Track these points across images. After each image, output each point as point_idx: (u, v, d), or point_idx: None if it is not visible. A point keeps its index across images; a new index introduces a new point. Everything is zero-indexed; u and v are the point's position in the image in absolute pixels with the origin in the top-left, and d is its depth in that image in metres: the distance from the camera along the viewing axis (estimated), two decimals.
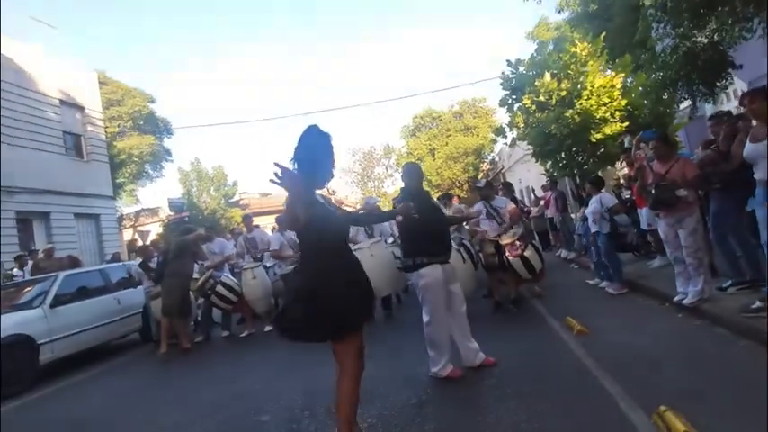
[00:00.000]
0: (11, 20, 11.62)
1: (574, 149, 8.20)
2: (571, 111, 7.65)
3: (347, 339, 2.29)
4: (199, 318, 6.90)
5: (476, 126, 33.64)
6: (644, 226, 6.20)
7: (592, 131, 7.99)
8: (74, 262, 7.61)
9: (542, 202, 10.68)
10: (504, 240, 5.30)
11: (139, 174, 26.05)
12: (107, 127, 23.11)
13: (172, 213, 20.33)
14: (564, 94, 7.71)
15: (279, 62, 66.25)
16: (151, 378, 5.15)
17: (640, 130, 6.66)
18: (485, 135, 32.64)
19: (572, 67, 7.77)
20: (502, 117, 26.26)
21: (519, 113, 8.64)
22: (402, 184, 3.90)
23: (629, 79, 8.24)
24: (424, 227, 3.34)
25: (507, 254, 5.27)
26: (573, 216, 8.79)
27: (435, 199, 6.14)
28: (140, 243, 10.15)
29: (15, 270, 8.35)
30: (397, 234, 6.48)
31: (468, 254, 5.91)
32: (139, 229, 20.00)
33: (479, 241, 5.78)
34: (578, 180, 8.46)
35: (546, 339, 4.09)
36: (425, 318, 3.46)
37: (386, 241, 6.38)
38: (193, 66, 62.64)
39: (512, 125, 8.74)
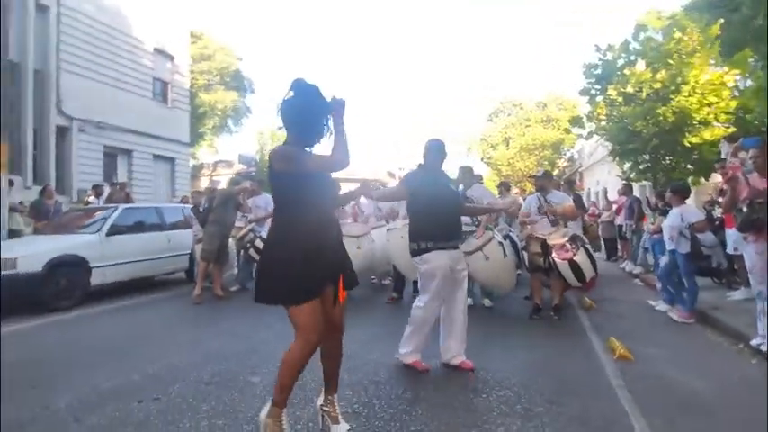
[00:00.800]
0: None
1: (661, 152, 7.19)
2: (664, 107, 6.66)
3: (289, 309, 2.08)
4: (237, 269, 7.09)
5: (558, 119, 31.36)
6: (729, 249, 5.32)
7: (687, 134, 6.95)
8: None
9: (614, 207, 9.67)
10: (553, 240, 4.76)
11: (221, 127, 27.58)
12: (196, 79, 24.59)
13: (242, 166, 21.31)
14: (658, 86, 6.72)
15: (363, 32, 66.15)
16: (175, 317, 5.34)
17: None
18: (566, 129, 30.45)
19: (674, 56, 6.71)
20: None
21: (601, 105, 7.72)
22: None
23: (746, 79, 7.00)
24: (431, 210, 3.13)
25: (555, 255, 4.74)
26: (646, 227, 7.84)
27: (486, 186, 5.69)
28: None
29: (92, 198, 9.10)
30: None
31: (514, 248, 5.45)
32: (213, 178, 21.28)
33: (526, 237, 5.27)
34: (660, 187, 7.46)
35: (579, 358, 3.62)
36: (419, 302, 3.26)
37: None
38: (282, 29, 64.43)
39: (591, 117, 7.84)
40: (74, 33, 11.44)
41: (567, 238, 4.72)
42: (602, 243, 10.86)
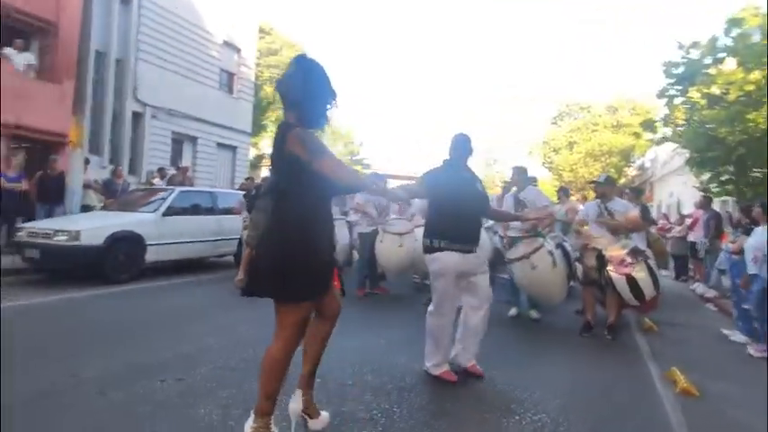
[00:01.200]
0: None
1: (748, 162, 6.38)
2: (756, 112, 5.87)
3: (285, 306, 1.97)
4: None
5: (629, 124, 29.27)
6: None
7: None
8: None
9: (688, 222, 8.77)
10: (610, 251, 4.32)
11: None
12: (262, 72, 25.53)
13: None
14: (751, 89, 5.92)
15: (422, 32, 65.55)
16: (217, 300, 5.45)
17: None
18: (636, 134, 28.35)
19: None
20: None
21: (680, 108, 6.97)
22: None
23: None
24: (449, 208, 2.96)
25: (611, 269, 4.30)
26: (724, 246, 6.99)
27: (536, 188, 5.30)
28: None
29: (156, 180, 9.65)
30: None
31: (566, 258, 5.03)
32: (269, 168, 22.01)
33: (580, 247, 4.84)
34: (745, 202, 6.61)
35: (633, 386, 3.22)
36: (430, 307, 3.09)
37: None
38: (348, 28, 65.42)
39: (667, 121, 7.09)
40: (151, 25, 12.19)
41: (626, 251, 4.27)
42: (671, 260, 9.93)
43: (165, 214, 6.57)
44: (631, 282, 4.22)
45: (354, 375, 2.99)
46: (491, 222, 6.29)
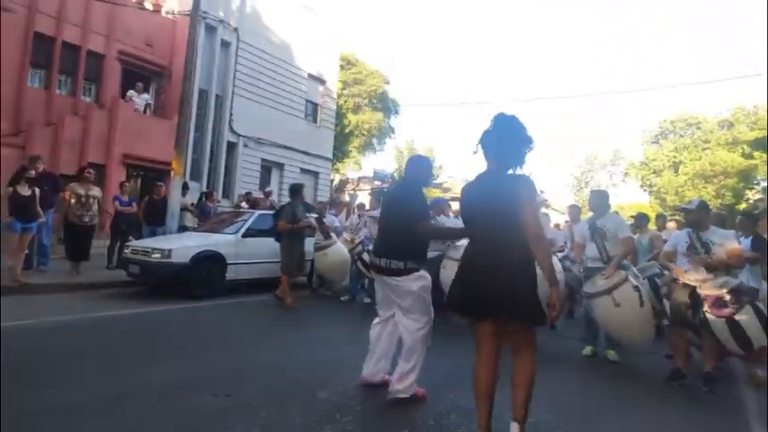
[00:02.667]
0: (284, 4, 14.39)
1: None
2: None
3: (480, 322, 2.37)
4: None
5: (749, 141, 25.71)
6: None
7: None
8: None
9: None
10: (707, 290, 3.73)
11: (366, 146, 29.62)
12: (346, 101, 26.91)
13: (377, 182, 22.48)
14: None
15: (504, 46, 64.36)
16: (283, 319, 5.66)
17: None
18: (761, 154, 24.67)
19: None
20: None
21: None
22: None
23: None
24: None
25: (707, 309, 3.70)
26: None
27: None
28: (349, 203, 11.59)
29: (243, 203, 10.48)
30: None
31: (656, 293, 4.46)
32: (350, 192, 22.89)
33: (669, 281, 4.26)
34: None
35: None
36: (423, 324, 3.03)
37: None
38: (429, 48, 66.63)
39: None
40: (246, 64, 13.53)
41: (726, 290, 3.65)
42: None
43: (244, 235, 7.07)
44: (733, 326, 3.60)
45: (396, 406, 2.89)
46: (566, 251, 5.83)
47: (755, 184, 27.34)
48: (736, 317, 3.55)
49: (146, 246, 6.56)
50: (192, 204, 9.60)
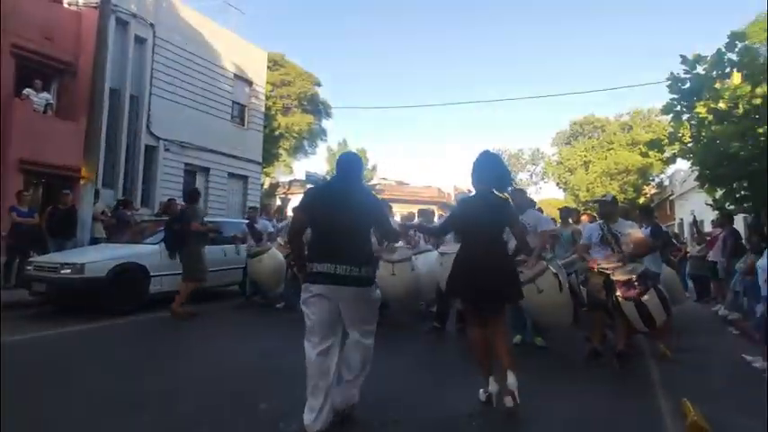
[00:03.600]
0: (210, 1, 13.66)
1: (763, 178, 6.15)
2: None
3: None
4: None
5: (645, 141, 28.99)
6: None
7: None
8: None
9: (708, 240, 8.44)
10: (617, 276, 4.14)
11: (297, 148, 29.03)
12: (275, 103, 26.20)
13: (309, 185, 22.16)
14: (759, 102, 5.76)
15: (431, 50, 66.81)
16: (217, 330, 5.42)
17: None
18: (642, 153, 27.92)
19: None
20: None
21: (686, 124, 6.79)
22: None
23: None
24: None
25: (618, 293, 4.11)
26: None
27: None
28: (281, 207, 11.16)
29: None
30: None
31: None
32: (281, 196, 22.34)
33: (584, 270, 4.66)
34: (763, 220, 6.32)
35: (639, 420, 3.01)
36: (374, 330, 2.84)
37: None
38: (357, 50, 67.15)
39: (673, 138, 6.90)
40: (165, 62, 12.68)
41: (634, 275, 4.07)
42: (691, 282, 9.55)
43: None
44: (640, 306, 4.02)
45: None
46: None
47: (651, 180, 30.74)
48: (643, 298, 3.97)
49: (53, 260, 5.92)
50: (104, 213, 8.80)
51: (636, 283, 4.02)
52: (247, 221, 7.52)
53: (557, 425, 2.75)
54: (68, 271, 5.62)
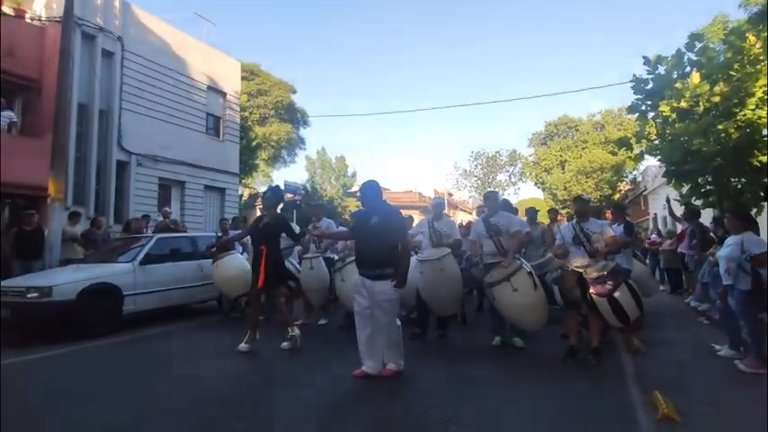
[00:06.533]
0: (178, 12, 13.50)
1: (726, 173, 6.37)
2: (726, 123, 5.90)
3: None
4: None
5: (616, 139, 29.78)
6: None
7: (756, 152, 6.11)
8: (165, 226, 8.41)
9: (677, 233, 8.71)
10: (590, 274, 4.22)
11: (275, 158, 28.78)
12: (252, 113, 25.98)
13: (289, 195, 21.99)
14: (717, 100, 5.97)
15: (408, 55, 67.39)
16: (193, 349, 5.29)
17: None
18: (611, 152, 28.75)
19: (736, 66, 5.97)
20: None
21: (652, 123, 7.00)
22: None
23: None
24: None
25: (592, 291, 4.19)
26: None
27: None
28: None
29: (143, 228, 9.56)
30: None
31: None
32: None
33: (557, 268, 4.74)
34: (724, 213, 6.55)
35: (611, 414, 3.06)
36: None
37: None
38: (334, 58, 67.25)
39: (640, 136, 7.11)
40: (134, 75, 12.44)
41: (605, 271, 4.16)
42: (665, 275, 9.81)
43: (142, 263, 6.46)
44: (614, 303, 4.11)
45: (318, 427, 2.84)
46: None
47: (625, 177, 31.55)
48: (615, 294, 4.05)
49: (18, 285, 5.70)
50: (83, 235, 8.54)
51: (607, 280, 4.10)
52: (219, 234, 7.41)
53: (533, 420, 2.77)
54: (36, 295, 5.42)
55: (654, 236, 11.34)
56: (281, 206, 7.25)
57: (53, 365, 4.45)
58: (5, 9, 10.55)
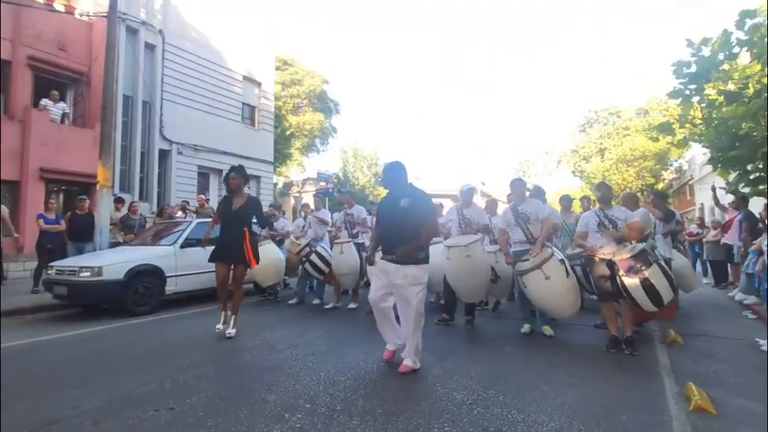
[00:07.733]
0: (212, 5, 13.91)
1: None
2: None
3: None
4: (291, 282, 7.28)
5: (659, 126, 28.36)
6: None
7: None
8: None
9: (723, 223, 8.28)
10: (618, 255, 4.11)
11: (309, 147, 29.23)
12: (286, 103, 26.39)
13: (321, 183, 22.36)
14: None
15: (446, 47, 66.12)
16: (217, 333, 5.53)
17: None
18: (652, 138, 27.36)
19: None
20: None
21: (697, 106, 6.63)
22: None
23: None
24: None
25: (621, 273, 4.07)
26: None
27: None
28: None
29: (179, 213, 10.03)
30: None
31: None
32: (294, 195, 22.58)
33: (586, 258, 4.64)
34: None
35: (642, 405, 3.01)
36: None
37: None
38: (368, 51, 66.93)
39: (683, 121, 6.75)
40: (174, 67, 12.94)
41: (633, 253, 4.04)
42: (708, 267, 9.38)
43: (182, 246, 6.79)
44: (647, 286, 3.98)
45: (344, 400, 2.95)
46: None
47: (670, 165, 30.08)
48: (647, 275, 3.94)
49: (72, 264, 6.14)
50: (120, 220, 9.04)
51: (636, 264, 3.99)
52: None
53: (550, 415, 2.77)
54: (88, 274, 5.83)
55: (694, 226, 10.81)
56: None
57: (96, 340, 4.80)
58: (57, 6, 11.16)
